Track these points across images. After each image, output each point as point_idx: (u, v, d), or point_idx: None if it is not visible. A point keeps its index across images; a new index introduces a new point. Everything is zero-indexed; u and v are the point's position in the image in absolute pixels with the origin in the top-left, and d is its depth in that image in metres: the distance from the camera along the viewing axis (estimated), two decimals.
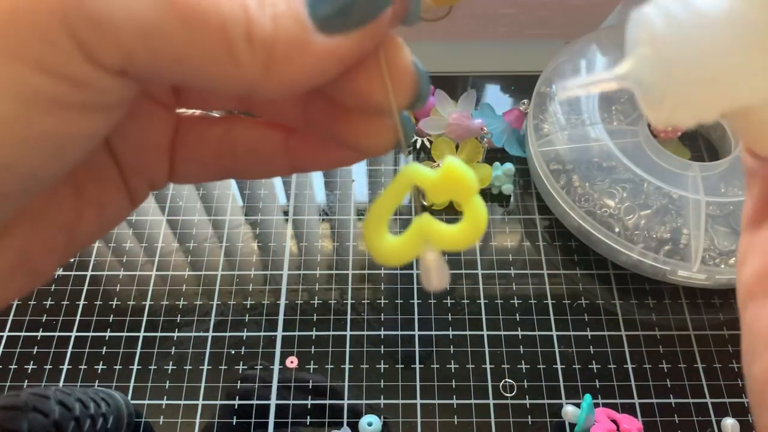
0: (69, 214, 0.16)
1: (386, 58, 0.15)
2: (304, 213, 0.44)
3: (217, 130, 0.18)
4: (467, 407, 0.36)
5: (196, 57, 0.12)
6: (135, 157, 0.18)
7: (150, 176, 0.18)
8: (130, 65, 0.12)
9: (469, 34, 0.53)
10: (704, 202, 0.38)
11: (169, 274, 0.41)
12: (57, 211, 0.16)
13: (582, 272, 0.41)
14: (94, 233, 0.17)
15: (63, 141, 0.13)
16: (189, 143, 0.18)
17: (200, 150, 0.18)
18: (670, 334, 0.38)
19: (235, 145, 0.18)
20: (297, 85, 0.14)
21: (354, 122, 0.17)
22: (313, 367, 0.37)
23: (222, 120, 0.18)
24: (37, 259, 0.15)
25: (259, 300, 0.40)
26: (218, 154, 0.18)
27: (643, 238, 0.38)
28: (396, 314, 0.39)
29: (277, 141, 0.18)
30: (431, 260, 0.18)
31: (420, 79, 0.16)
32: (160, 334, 0.38)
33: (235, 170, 0.19)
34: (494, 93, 0.51)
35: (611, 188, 0.39)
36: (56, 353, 0.37)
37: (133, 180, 0.18)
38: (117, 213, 0.18)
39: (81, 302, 0.39)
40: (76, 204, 0.16)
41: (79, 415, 0.30)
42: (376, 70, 0.15)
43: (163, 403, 0.36)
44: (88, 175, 0.17)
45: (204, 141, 0.18)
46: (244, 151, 0.18)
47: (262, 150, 0.19)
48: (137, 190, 0.18)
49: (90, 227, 0.17)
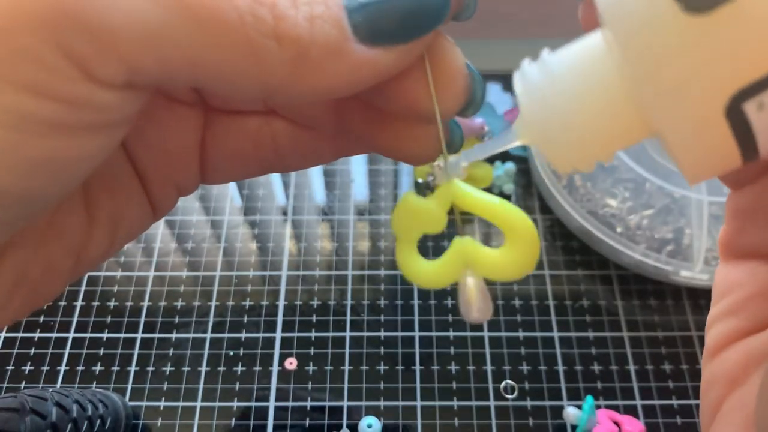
0: (77, 233, 0.14)
1: (434, 60, 0.13)
2: (303, 213, 0.43)
3: (255, 121, 0.16)
4: (468, 409, 0.35)
5: (212, 59, 0.11)
6: (158, 162, 0.16)
7: (178, 181, 0.16)
8: (136, 77, 0.11)
9: (470, 32, 0.52)
10: (707, 202, 0.38)
11: (167, 275, 0.40)
12: (62, 231, 0.14)
13: (584, 273, 0.41)
14: (106, 251, 0.15)
15: (63, 164, 0.11)
16: (223, 139, 0.16)
17: (237, 145, 0.16)
18: (673, 335, 0.38)
19: (277, 137, 0.16)
20: (327, 93, 0.12)
21: (394, 128, 0.15)
22: (313, 368, 0.37)
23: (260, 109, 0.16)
24: (39, 282, 0.14)
25: (257, 301, 0.39)
26: (258, 148, 0.16)
27: (646, 238, 0.37)
28: (396, 315, 0.39)
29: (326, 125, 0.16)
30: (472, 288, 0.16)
31: (473, 82, 0.14)
32: (158, 335, 0.38)
33: (277, 164, 0.17)
34: (495, 92, 0.50)
35: (613, 188, 0.39)
36: (54, 354, 0.37)
37: (157, 188, 0.16)
38: (136, 226, 0.16)
39: (78, 303, 0.39)
40: (86, 222, 0.15)
41: (76, 417, 0.29)
42: (422, 74, 0.13)
43: (161, 404, 0.35)
44: (100, 187, 0.15)
45: (241, 135, 0.16)
46: (288, 142, 0.16)
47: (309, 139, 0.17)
48: (163, 199, 0.16)
49: (101, 246, 0.15)
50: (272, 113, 0.16)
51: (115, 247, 0.16)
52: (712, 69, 0.11)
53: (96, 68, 0.10)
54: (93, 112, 0.11)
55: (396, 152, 0.15)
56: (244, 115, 0.16)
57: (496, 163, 0.44)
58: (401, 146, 0.15)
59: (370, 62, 0.12)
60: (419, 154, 0.15)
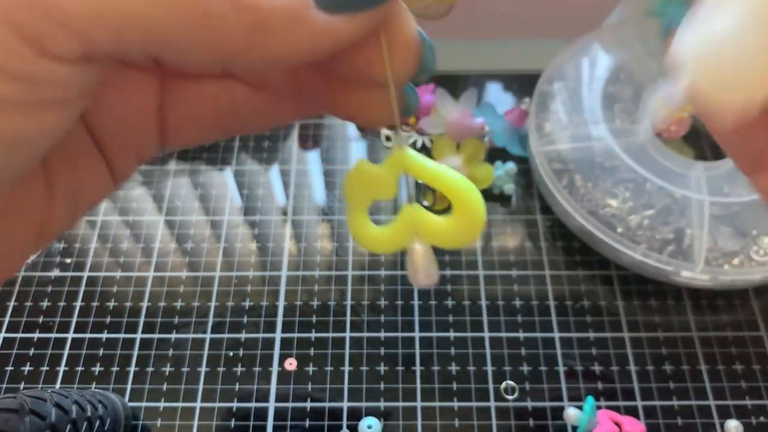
0: (38, 207, 0.14)
1: (389, 27, 0.14)
2: (303, 213, 0.43)
3: (214, 85, 0.16)
4: (468, 410, 0.35)
5: (167, 29, 0.11)
6: (116, 129, 0.16)
7: (137, 147, 0.16)
8: (91, 50, 0.11)
9: (471, 32, 0.52)
10: (708, 202, 0.38)
11: (166, 275, 0.40)
12: (23, 206, 0.14)
13: (584, 273, 0.40)
14: (67, 223, 0.15)
15: (22, 141, 0.11)
16: (182, 104, 0.16)
17: (196, 109, 0.16)
18: (673, 336, 0.38)
19: (236, 100, 0.16)
20: (286, 61, 0.12)
21: (350, 93, 0.15)
22: (313, 369, 0.37)
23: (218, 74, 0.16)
24: (1, 256, 0.14)
25: (257, 301, 0.39)
26: (217, 111, 0.16)
27: (646, 238, 0.37)
28: (396, 316, 0.39)
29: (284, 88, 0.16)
30: (420, 254, 0.16)
31: (425, 50, 0.14)
32: (158, 335, 0.38)
33: (237, 127, 0.17)
34: (495, 92, 0.50)
35: (614, 188, 0.39)
36: (53, 355, 0.37)
37: (116, 156, 0.16)
38: (97, 196, 0.16)
39: (78, 303, 0.39)
40: (46, 195, 0.14)
41: (75, 418, 0.29)
42: (376, 41, 0.14)
43: (160, 405, 0.35)
44: (59, 159, 0.15)
45: (200, 99, 0.16)
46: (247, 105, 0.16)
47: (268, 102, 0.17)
48: (122, 166, 0.16)
49: (62, 218, 0.15)
50: (231, 77, 0.16)
51: (76, 218, 0.16)
52: None
53: (50, 44, 0.10)
54: (50, 89, 0.11)
55: (353, 116, 0.16)
56: (202, 79, 0.16)
57: (497, 163, 0.44)
58: (358, 111, 0.15)
59: (330, 30, 0.12)
60: (375, 119, 0.16)
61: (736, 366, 0.37)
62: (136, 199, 0.44)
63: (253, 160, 0.46)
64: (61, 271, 0.40)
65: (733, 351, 0.37)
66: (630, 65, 0.44)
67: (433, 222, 0.16)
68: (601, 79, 0.43)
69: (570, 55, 0.45)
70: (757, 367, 0.37)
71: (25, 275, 0.40)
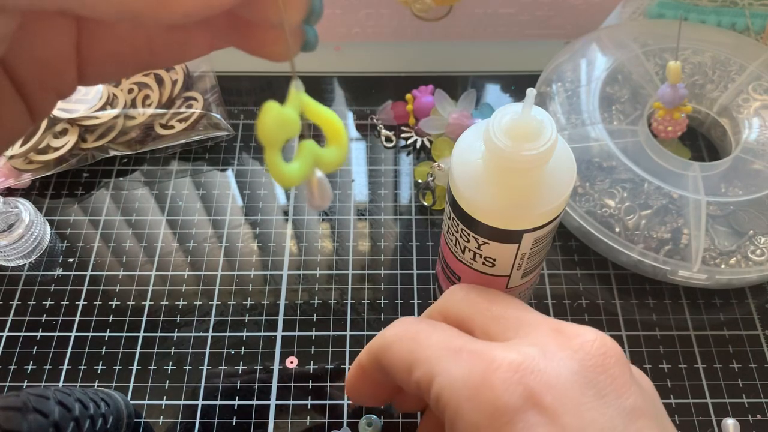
0: None
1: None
2: (304, 213, 0.43)
3: (129, 25, 0.17)
4: None
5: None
6: (33, 69, 0.16)
7: (55, 85, 0.17)
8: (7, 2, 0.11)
9: (469, 33, 0.52)
10: (705, 202, 0.38)
11: (168, 275, 0.40)
12: None
13: (582, 272, 0.41)
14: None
15: None
16: (98, 44, 0.17)
17: (112, 48, 0.17)
18: (671, 334, 0.38)
19: (151, 38, 0.17)
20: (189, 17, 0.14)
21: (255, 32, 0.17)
22: (313, 367, 0.37)
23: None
24: None
25: (258, 300, 0.39)
26: (133, 49, 0.17)
27: (644, 238, 0.38)
28: (396, 314, 0.39)
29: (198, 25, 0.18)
30: (321, 180, 0.19)
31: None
32: (160, 334, 0.38)
33: (153, 63, 0.18)
34: (494, 93, 0.51)
35: (611, 188, 0.39)
36: (56, 353, 0.37)
37: (34, 94, 0.16)
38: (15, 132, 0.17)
39: (80, 302, 0.39)
40: None
41: (78, 416, 0.29)
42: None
43: (162, 403, 0.36)
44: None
45: (116, 39, 0.17)
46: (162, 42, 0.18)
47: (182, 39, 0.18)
48: (41, 104, 0.17)
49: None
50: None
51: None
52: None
53: None
54: None
55: (258, 52, 0.18)
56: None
57: None
58: (262, 47, 0.18)
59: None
60: (275, 53, 0.18)
61: (732, 364, 0.37)
62: (139, 199, 0.44)
63: (255, 160, 0.46)
64: (64, 270, 0.41)
65: (730, 349, 0.38)
66: (628, 66, 0.44)
67: (323, 153, 0.19)
68: (599, 80, 0.44)
69: (568, 56, 0.45)
70: (754, 366, 0.37)
71: (28, 274, 0.40)
